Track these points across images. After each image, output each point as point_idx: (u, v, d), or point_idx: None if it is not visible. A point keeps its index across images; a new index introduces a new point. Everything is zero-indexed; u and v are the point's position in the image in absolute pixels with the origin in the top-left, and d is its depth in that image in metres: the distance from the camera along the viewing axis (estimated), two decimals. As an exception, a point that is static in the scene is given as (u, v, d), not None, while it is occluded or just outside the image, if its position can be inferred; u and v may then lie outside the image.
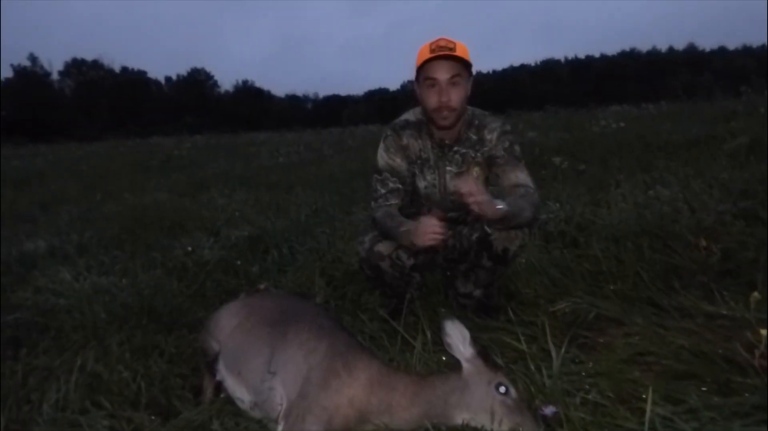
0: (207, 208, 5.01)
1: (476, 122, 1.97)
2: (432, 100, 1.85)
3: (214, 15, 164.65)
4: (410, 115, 2.00)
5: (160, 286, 2.68)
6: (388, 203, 1.94)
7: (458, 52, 1.79)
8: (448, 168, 1.99)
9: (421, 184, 2.02)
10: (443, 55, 1.79)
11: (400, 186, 1.97)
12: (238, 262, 3.02)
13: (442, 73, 1.81)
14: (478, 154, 1.96)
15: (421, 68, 1.86)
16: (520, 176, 1.92)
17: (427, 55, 1.80)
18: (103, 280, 2.82)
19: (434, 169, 1.99)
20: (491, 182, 2.01)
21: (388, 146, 1.98)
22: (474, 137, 1.96)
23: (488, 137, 1.95)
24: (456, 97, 1.83)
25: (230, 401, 1.60)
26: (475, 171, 1.98)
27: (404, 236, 1.78)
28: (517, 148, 1.95)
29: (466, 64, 1.85)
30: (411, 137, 1.98)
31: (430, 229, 1.66)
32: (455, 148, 1.97)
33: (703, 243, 2.26)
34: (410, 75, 1.95)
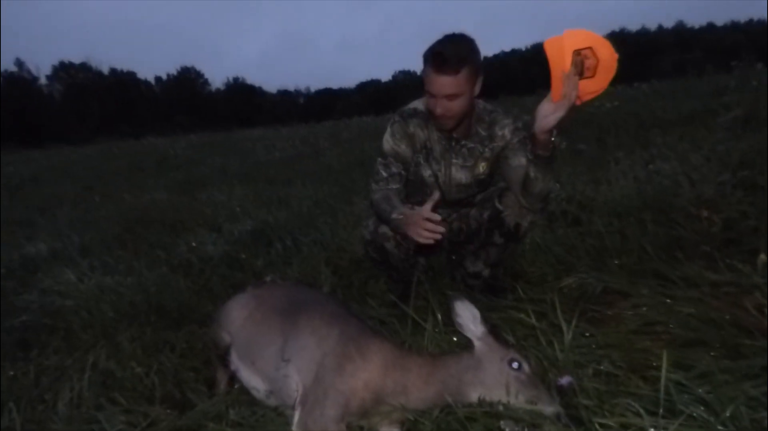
0: (207, 205, 4.99)
1: (486, 118, 1.94)
2: (432, 108, 1.82)
3: (203, 13, 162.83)
4: (419, 103, 1.97)
5: (166, 283, 2.68)
6: (388, 187, 1.94)
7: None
8: (454, 161, 1.98)
9: (426, 173, 2.01)
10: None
11: (402, 171, 1.97)
12: (243, 256, 3.02)
13: (440, 90, 1.75)
14: (486, 149, 1.95)
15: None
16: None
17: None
18: (108, 280, 2.82)
19: (440, 161, 1.99)
20: (497, 168, 1.99)
21: (394, 131, 1.97)
22: (483, 133, 1.94)
23: (499, 133, 1.92)
24: (455, 107, 1.79)
25: (245, 391, 1.61)
26: (482, 166, 1.98)
27: (396, 223, 1.74)
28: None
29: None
30: (418, 126, 1.96)
31: (422, 224, 1.54)
32: (463, 142, 1.96)
33: (705, 213, 2.29)
34: (402, 67, 1.86)
